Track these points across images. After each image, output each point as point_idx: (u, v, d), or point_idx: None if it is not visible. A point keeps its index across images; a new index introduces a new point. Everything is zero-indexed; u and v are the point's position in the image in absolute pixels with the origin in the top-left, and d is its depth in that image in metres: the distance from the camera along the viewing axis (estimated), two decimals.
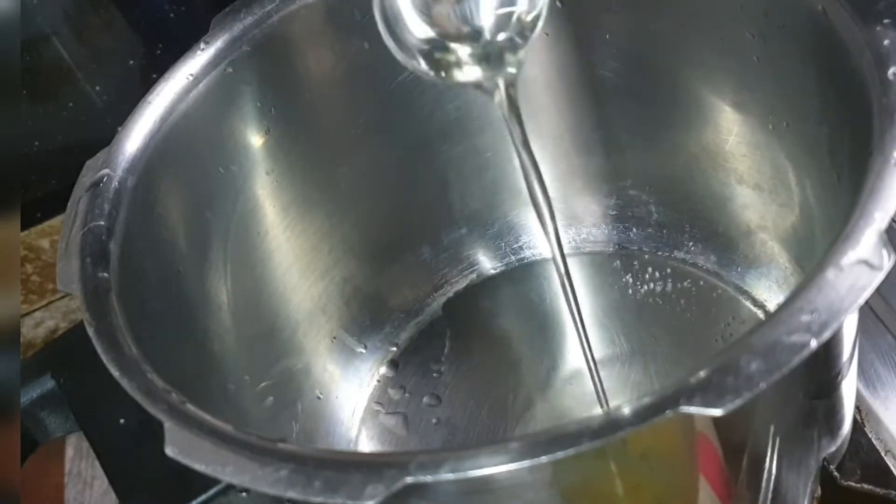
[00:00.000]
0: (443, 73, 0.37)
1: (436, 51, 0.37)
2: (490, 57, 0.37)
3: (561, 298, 0.53)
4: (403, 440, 0.50)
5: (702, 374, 0.26)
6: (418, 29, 0.37)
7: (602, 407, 0.44)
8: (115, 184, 0.40)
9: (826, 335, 0.26)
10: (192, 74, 0.43)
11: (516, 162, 0.53)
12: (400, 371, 0.53)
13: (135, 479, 0.48)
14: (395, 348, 0.54)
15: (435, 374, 0.52)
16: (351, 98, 0.49)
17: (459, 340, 0.53)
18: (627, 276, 0.53)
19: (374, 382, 0.53)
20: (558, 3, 0.47)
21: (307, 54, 0.47)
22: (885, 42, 0.32)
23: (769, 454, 0.34)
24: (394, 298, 0.55)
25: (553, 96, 0.51)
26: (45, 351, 0.60)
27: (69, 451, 0.52)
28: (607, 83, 0.50)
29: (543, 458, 0.25)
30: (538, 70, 0.50)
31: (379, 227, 0.53)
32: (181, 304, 0.42)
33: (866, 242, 0.27)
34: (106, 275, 0.36)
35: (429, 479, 0.26)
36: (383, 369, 0.53)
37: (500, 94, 0.37)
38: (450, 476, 0.26)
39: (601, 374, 0.43)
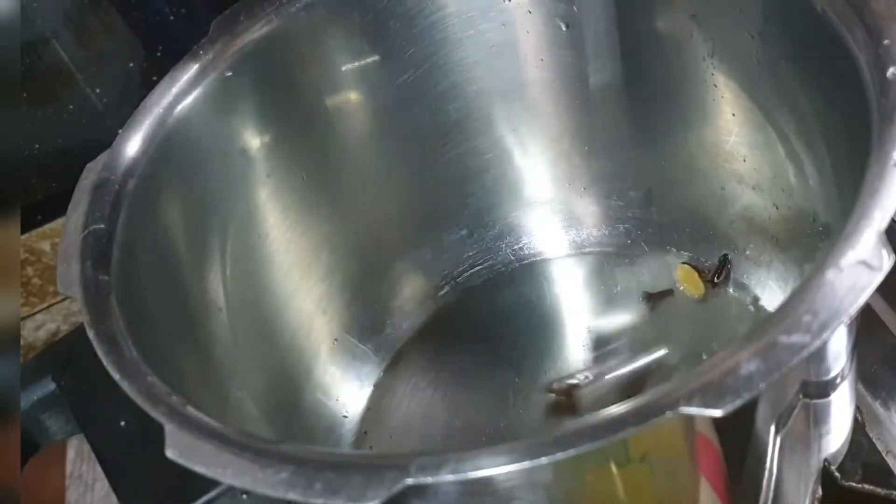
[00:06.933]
0: None
1: None
2: None
3: (561, 299, 0.54)
4: (404, 440, 0.50)
5: (701, 374, 0.26)
6: None
7: None
8: (115, 186, 0.40)
9: (826, 335, 0.26)
10: (192, 77, 0.43)
11: (516, 163, 0.54)
12: (400, 371, 0.53)
13: (136, 481, 0.48)
14: (395, 349, 0.54)
15: (435, 375, 0.52)
16: (351, 100, 0.49)
17: (460, 341, 0.53)
18: (627, 277, 0.53)
19: (375, 383, 0.52)
20: (562, 27, 0.47)
21: (307, 57, 0.47)
22: (885, 42, 0.32)
23: (769, 454, 0.34)
24: (395, 300, 0.55)
25: (553, 97, 0.51)
26: (45, 353, 0.60)
27: (70, 454, 0.52)
28: (607, 84, 0.50)
29: (544, 460, 0.25)
30: (538, 71, 0.50)
31: (379, 229, 0.53)
32: (182, 307, 0.42)
33: (866, 243, 0.27)
34: (106, 277, 0.36)
35: (429, 480, 0.26)
36: (384, 370, 0.53)
37: None
38: (450, 477, 0.26)
39: (602, 375, 0.43)
